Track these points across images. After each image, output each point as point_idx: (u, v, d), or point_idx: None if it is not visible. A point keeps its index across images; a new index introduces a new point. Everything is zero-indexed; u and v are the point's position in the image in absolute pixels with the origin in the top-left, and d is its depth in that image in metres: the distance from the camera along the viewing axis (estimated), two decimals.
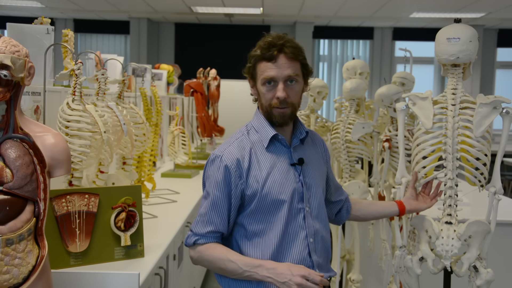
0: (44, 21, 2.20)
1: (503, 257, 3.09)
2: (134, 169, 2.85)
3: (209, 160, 1.65)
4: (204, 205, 1.63)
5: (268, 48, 1.59)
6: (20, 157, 1.34)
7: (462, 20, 1.88)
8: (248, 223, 1.64)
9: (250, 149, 1.64)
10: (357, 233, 2.85)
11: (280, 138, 1.66)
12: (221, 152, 1.63)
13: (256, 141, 1.66)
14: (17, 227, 1.31)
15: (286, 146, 1.68)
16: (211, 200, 1.61)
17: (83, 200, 1.83)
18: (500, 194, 1.80)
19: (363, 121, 2.76)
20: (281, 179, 1.63)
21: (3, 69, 1.31)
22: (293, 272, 1.50)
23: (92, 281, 1.67)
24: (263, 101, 1.65)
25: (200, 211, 1.64)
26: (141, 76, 3.77)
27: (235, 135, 1.70)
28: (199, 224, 1.63)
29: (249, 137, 1.67)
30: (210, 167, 1.64)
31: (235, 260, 1.56)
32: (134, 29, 9.35)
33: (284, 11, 8.50)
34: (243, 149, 1.63)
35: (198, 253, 1.62)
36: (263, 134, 1.66)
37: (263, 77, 1.61)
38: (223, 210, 1.61)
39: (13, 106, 1.37)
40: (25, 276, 1.32)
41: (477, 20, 8.53)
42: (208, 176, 1.65)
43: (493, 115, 1.77)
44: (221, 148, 1.65)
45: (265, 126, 1.66)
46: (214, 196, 1.61)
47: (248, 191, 1.61)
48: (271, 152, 1.66)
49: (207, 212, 1.62)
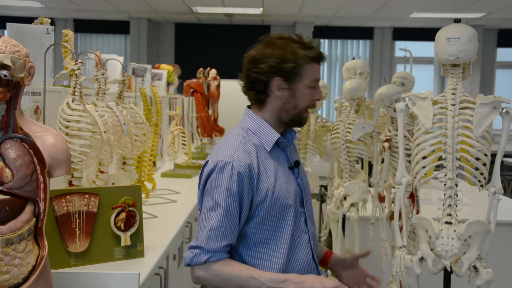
0: (44, 21, 2.20)
1: (503, 257, 3.09)
2: (134, 169, 2.85)
3: (216, 168, 1.51)
4: (215, 218, 1.49)
5: (318, 50, 1.59)
6: (20, 157, 1.34)
7: (462, 20, 1.88)
8: (254, 233, 1.55)
9: (256, 153, 1.56)
10: (357, 233, 2.85)
11: (280, 141, 1.61)
12: (230, 158, 1.51)
13: (257, 144, 1.58)
14: (17, 227, 1.31)
15: (282, 148, 1.64)
16: (224, 211, 1.49)
17: (83, 200, 1.83)
18: (500, 194, 1.80)
19: (363, 121, 2.76)
20: (286, 184, 1.58)
21: (3, 69, 1.31)
22: (325, 285, 1.45)
23: (92, 281, 1.66)
24: (300, 103, 1.58)
25: (211, 225, 1.49)
26: (141, 76, 3.77)
27: (233, 137, 1.59)
28: (211, 239, 1.49)
29: (249, 140, 1.59)
30: (220, 175, 1.50)
31: (258, 277, 1.47)
32: (134, 29, 9.35)
33: (284, 11, 8.50)
34: (249, 153, 1.54)
35: (212, 271, 1.50)
36: (264, 137, 1.59)
37: (315, 78, 1.58)
38: (236, 221, 1.51)
39: (13, 106, 1.37)
40: (25, 276, 1.32)
41: (477, 20, 8.53)
42: (217, 185, 1.50)
43: (493, 115, 1.77)
44: (227, 154, 1.53)
45: (266, 129, 1.59)
46: (227, 206, 1.49)
47: (257, 198, 1.53)
48: (273, 156, 1.60)
49: (220, 225, 1.49)
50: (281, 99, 1.58)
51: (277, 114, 1.60)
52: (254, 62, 1.57)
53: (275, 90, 1.57)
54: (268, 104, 1.60)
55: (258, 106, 1.62)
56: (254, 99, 1.62)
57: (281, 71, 1.54)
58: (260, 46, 1.60)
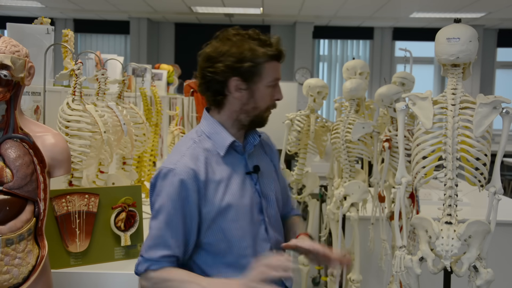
0: (44, 21, 2.20)
1: (503, 257, 3.10)
2: (134, 169, 2.85)
3: (159, 174, 1.44)
4: (155, 226, 1.43)
5: (278, 47, 1.48)
6: (20, 157, 1.34)
7: (462, 20, 1.88)
8: (208, 244, 1.47)
9: (205, 158, 1.46)
10: (357, 233, 2.85)
11: (236, 145, 1.51)
12: (173, 164, 1.43)
13: (210, 149, 1.49)
14: (17, 227, 1.31)
15: (240, 152, 1.54)
16: (164, 220, 1.41)
17: (83, 200, 1.83)
18: (500, 194, 1.80)
19: (363, 121, 2.76)
20: (240, 190, 1.48)
21: (3, 69, 1.31)
22: None
23: (92, 281, 1.66)
24: (260, 104, 1.49)
25: (150, 234, 1.44)
26: (141, 76, 3.77)
27: (184, 142, 1.51)
28: (152, 248, 1.42)
29: (201, 144, 1.49)
30: (162, 182, 1.42)
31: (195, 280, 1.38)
32: (134, 29, 9.35)
33: (284, 11, 8.50)
34: (196, 159, 1.44)
35: (151, 280, 1.42)
36: (218, 140, 1.50)
37: (275, 78, 1.49)
38: (178, 230, 1.42)
39: (13, 106, 1.37)
40: (25, 276, 1.33)
41: (477, 20, 8.53)
42: (158, 193, 1.43)
43: (493, 115, 1.77)
44: (172, 160, 1.45)
45: (220, 132, 1.50)
46: (168, 215, 1.41)
47: (206, 207, 1.44)
48: (227, 161, 1.49)
49: (160, 234, 1.42)
50: (239, 100, 1.48)
51: (235, 116, 1.51)
52: (210, 61, 1.47)
53: (233, 91, 1.47)
54: (226, 106, 1.50)
55: (215, 108, 1.52)
56: (211, 100, 1.51)
57: (239, 70, 1.44)
58: (216, 43, 1.50)
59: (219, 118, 1.53)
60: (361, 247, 2.90)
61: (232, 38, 1.47)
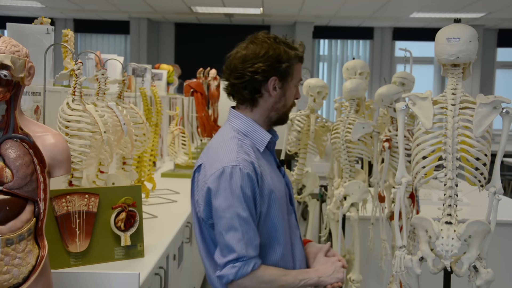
0: (44, 21, 2.20)
1: (503, 257, 3.10)
2: (134, 169, 2.85)
3: (224, 174, 1.46)
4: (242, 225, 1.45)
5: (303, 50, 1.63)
6: (20, 157, 1.34)
7: (462, 20, 1.88)
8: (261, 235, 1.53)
9: (254, 154, 1.54)
10: (357, 233, 2.85)
11: (270, 141, 1.62)
12: (234, 162, 1.47)
13: (251, 145, 1.56)
14: (17, 227, 1.31)
15: (269, 148, 1.65)
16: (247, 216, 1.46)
17: (83, 200, 1.83)
18: (500, 194, 1.80)
19: (363, 121, 2.75)
20: (279, 183, 1.60)
21: (3, 69, 1.31)
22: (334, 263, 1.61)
23: (92, 281, 1.66)
24: (288, 102, 1.62)
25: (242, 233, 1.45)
26: (141, 76, 3.77)
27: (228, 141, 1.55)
28: (249, 247, 1.45)
29: (245, 141, 1.56)
30: (230, 181, 1.45)
31: (287, 273, 1.53)
32: (134, 29, 9.35)
33: (284, 11, 8.50)
34: (249, 155, 1.52)
35: (257, 279, 1.47)
36: (256, 138, 1.58)
37: (300, 78, 1.64)
38: (256, 223, 1.50)
39: (13, 106, 1.37)
40: (25, 276, 1.32)
41: (477, 20, 8.53)
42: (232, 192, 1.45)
43: (493, 115, 1.77)
44: (230, 158, 1.48)
45: (257, 130, 1.59)
46: (249, 211, 1.46)
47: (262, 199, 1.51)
48: (264, 157, 1.60)
49: (248, 230, 1.46)
50: (274, 98, 1.59)
51: (267, 114, 1.61)
52: (248, 62, 1.55)
53: (271, 89, 1.57)
54: (261, 104, 1.60)
55: (249, 106, 1.60)
56: (247, 98, 1.59)
57: (278, 70, 1.56)
58: (250, 45, 1.58)
59: (252, 116, 1.61)
60: (361, 247, 2.90)
61: (267, 40, 1.57)
